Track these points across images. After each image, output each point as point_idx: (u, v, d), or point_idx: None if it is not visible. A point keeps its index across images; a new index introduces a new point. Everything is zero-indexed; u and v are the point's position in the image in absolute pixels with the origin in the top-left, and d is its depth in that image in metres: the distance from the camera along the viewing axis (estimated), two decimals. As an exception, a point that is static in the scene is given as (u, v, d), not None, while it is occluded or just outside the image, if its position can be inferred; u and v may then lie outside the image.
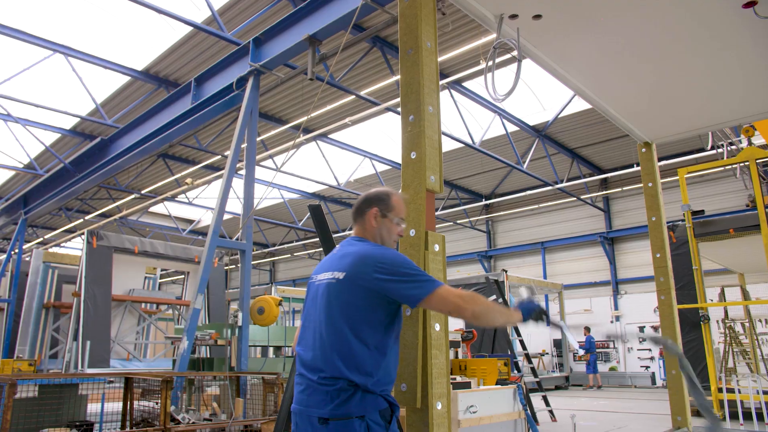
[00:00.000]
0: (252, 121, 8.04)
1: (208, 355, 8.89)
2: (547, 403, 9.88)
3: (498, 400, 4.54)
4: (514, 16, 3.99)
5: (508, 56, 11.44)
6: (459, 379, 4.76)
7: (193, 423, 5.94)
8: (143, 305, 12.43)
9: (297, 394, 2.19)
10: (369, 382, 2.05)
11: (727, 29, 4.22)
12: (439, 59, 11.96)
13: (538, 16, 4.01)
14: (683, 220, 9.86)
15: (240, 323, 7.40)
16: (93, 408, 6.79)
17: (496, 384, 5.02)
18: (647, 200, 6.14)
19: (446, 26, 10.21)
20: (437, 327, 2.85)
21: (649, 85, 5.03)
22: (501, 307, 2.21)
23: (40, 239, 24.60)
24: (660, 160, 16.61)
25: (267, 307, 7.73)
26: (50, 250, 22.10)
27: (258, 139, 15.07)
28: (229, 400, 6.74)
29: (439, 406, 2.78)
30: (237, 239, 7.86)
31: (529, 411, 6.36)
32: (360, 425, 2.00)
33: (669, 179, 17.01)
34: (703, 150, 15.84)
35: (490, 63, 4.03)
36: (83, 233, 10.30)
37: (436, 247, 2.98)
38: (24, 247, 19.24)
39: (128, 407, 6.23)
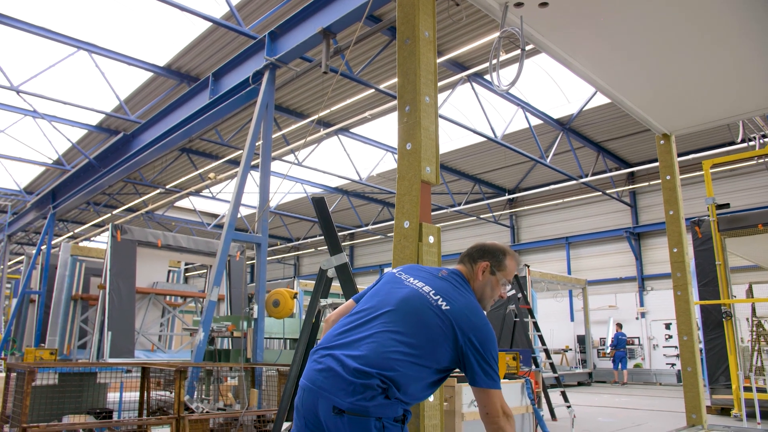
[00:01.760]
0: (268, 115, 8.08)
1: (231, 347, 9.00)
2: (566, 399, 9.75)
3: (504, 394, 4.50)
4: (519, 5, 3.92)
5: (516, 52, 11.34)
6: (466, 372, 4.72)
7: (207, 412, 6.03)
8: (167, 298, 12.66)
9: (312, 371, 2.11)
10: (396, 392, 2.03)
11: (744, 17, 4.09)
12: (459, 51, 11.94)
13: (544, 4, 3.93)
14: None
15: (255, 315, 7.47)
16: (115, 396, 6.95)
17: (504, 378, 4.97)
18: (665, 194, 6.02)
19: (460, 19, 10.10)
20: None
21: (664, 74, 4.90)
22: None
23: (71, 233, 25.20)
24: (688, 153, 16.38)
25: (282, 299, 7.79)
26: (80, 244, 22.63)
27: (279, 133, 15.20)
28: (244, 391, 6.82)
29: (431, 398, 2.76)
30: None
31: (536, 405, 6.29)
32: (376, 425, 1.97)
33: (698, 173, 16.62)
34: (733, 143, 15.42)
35: (497, 53, 3.96)
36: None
37: (431, 239, 2.95)
38: (54, 241, 19.76)
39: (145, 396, 6.35)
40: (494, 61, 3.91)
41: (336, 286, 4.23)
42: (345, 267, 3.86)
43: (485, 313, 2.35)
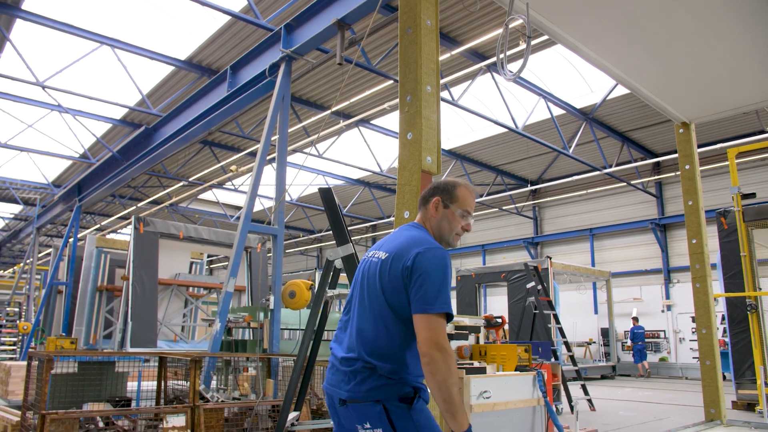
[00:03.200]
0: (284, 107, 8.11)
1: (251, 337, 9.10)
2: (586, 392, 9.66)
3: (514, 386, 4.46)
4: (527, -9, 3.85)
5: (543, 38, 11.14)
6: (477, 364, 4.70)
7: (222, 402, 6.10)
8: (189, 289, 12.83)
9: (327, 374, 2.19)
10: (386, 368, 1.99)
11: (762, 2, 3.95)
12: (479, 40, 11.79)
13: (552, -9, 3.85)
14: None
15: (272, 306, 7.53)
16: (134, 385, 7.09)
17: (516, 370, 4.92)
18: (684, 184, 5.89)
19: (475, 10, 9.97)
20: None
21: (681, 60, 4.77)
22: (457, 398, 1.92)
23: (98, 225, 25.71)
24: (715, 143, 15.98)
25: (298, 291, 7.82)
26: (107, 236, 23.09)
27: (300, 125, 15.25)
28: (259, 381, 6.89)
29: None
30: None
31: (554, 398, 6.22)
32: (375, 408, 1.95)
33: (725, 163, 16.22)
34: (763, 131, 15.02)
35: (505, 41, 3.89)
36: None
37: (431, 229, 2.92)
38: (82, 233, 20.18)
39: (163, 385, 6.46)
40: (501, 56, 3.85)
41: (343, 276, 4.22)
42: (351, 258, 3.86)
43: (448, 249, 2.25)
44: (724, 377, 13.88)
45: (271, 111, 7.96)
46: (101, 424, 5.49)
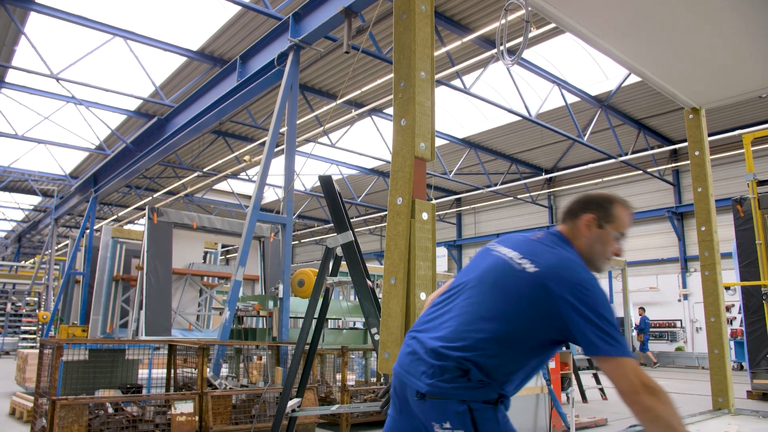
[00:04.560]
0: (292, 96, 8.12)
1: (264, 326, 9.18)
2: (598, 381, 9.62)
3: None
4: (526, -25, 3.79)
5: (550, 26, 11.01)
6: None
7: (230, 389, 6.18)
8: (204, 278, 12.97)
9: (401, 355, 2.01)
10: (480, 375, 1.83)
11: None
12: (489, 28, 11.68)
13: (552, -26, 3.79)
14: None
15: (281, 295, 7.58)
16: (146, 373, 7.19)
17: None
18: (693, 170, 5.78)
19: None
20: (422, 296, 2.81)
21: (688, 43, 4.66)
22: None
23: (115, 216, 26.04)
24: (734, 129, 15.69)
25: (307, 279, 7.90)
26: (124, 227, 23.36)
27: (312, 114, 15.27)
28: (269, 369, 6.96)
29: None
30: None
31: (564, 386, 6.20)
32: (459, 407, 1.81)
33: (741, 151, 15.92)
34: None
35: (504, 27, 3.85)
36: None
37: (425, 216, 2.91)
38: (100, 224, 20.43)
39: (172, 373, 6.56)
40: (502, 48, 3.80)
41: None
42: (351, 245, 3.86)
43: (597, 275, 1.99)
44: (741, 367, 13.75)
45: (279, 100, 7.98)
46: (111, 410, 5.58)
